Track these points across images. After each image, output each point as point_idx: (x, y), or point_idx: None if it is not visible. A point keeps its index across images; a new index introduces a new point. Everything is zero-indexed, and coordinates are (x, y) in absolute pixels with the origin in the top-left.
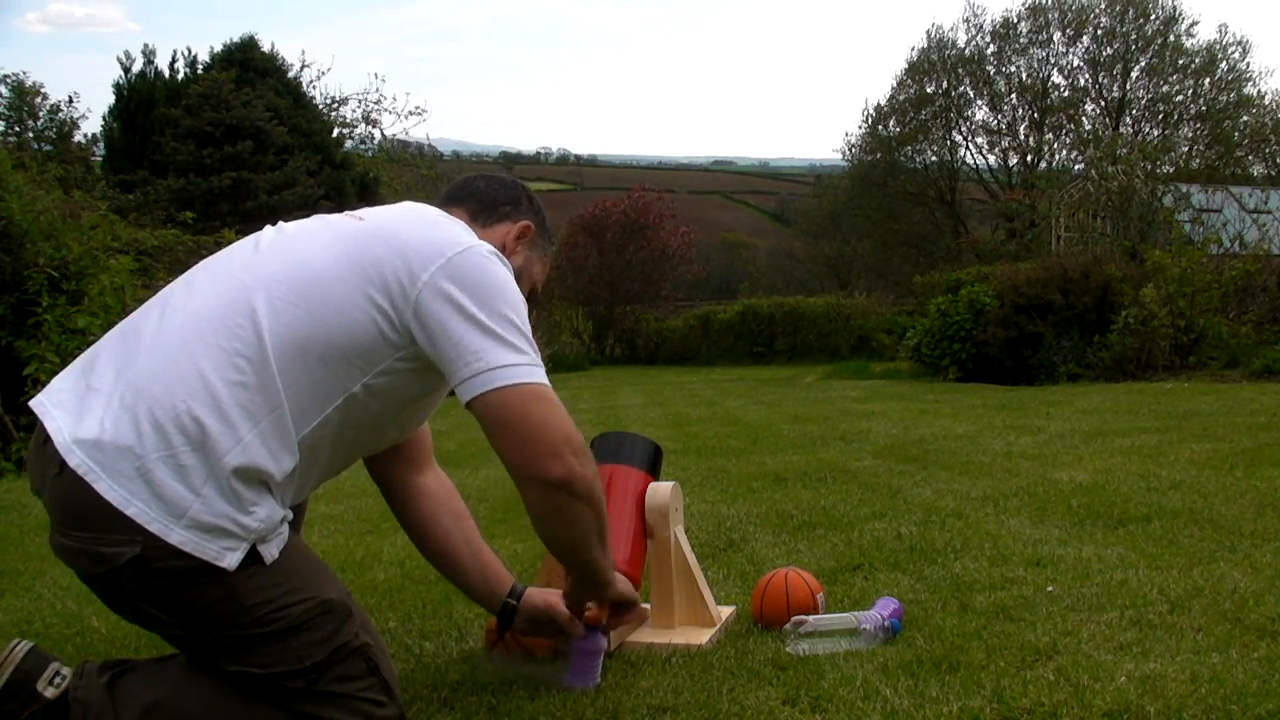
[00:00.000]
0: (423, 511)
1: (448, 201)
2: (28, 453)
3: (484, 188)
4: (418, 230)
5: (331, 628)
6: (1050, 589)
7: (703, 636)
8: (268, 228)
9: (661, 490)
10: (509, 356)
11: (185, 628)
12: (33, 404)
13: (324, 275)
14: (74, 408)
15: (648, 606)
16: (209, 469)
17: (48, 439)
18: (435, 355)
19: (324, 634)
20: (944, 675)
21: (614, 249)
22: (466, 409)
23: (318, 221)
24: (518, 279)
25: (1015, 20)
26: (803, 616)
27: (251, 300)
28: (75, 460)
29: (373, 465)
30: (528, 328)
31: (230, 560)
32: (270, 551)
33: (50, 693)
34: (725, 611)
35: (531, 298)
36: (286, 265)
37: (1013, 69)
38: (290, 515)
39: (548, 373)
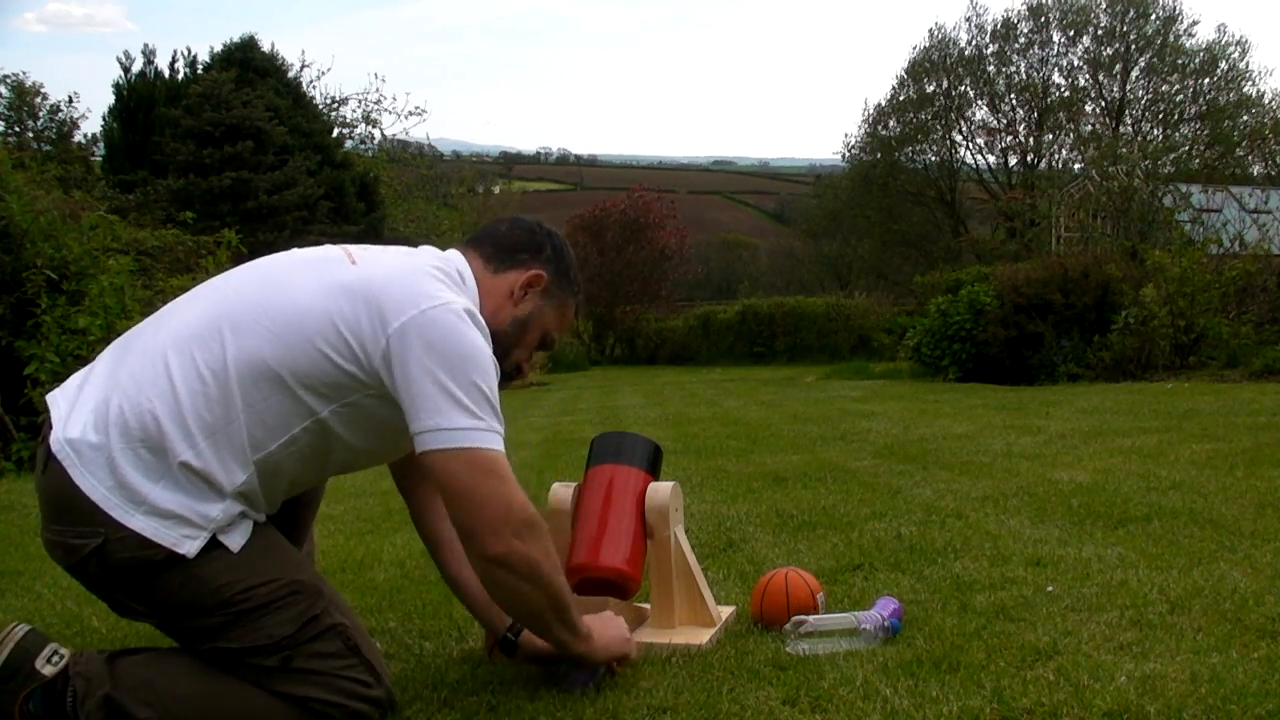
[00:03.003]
0: (439, 533)
1: (469, 243)
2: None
3: (505, 232)
4: (399, 279)
5: (301, 606)
6: (1050, 589)
7: (703, 636)
8: (279, 253)
9: (661, 490)
10: (460, 419)
11: (157, 614)
12: (47, 397)
13: (304, 309)
14: (73, 400)
15: (647, 606)
16: (165, 466)
17: (44, 435)
18: (398, 400)
19: (294, 612)
20: (944, 675)
21: (614, 249)
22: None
23: (319, 254)
24: (525, 326)
25: (1015, 20)
26: (803, 616)
27: (231, 318)
28: (57, 448)
29: (398, 481)
30: (492, 390)
31: (189, 548)
32: (234, 540)
33: (49, 670)
34: (725, 611)
35: (545, 344)
36: (271, 292)
37: (1013, 69)
38: (261, 516)
39: (548, 372)
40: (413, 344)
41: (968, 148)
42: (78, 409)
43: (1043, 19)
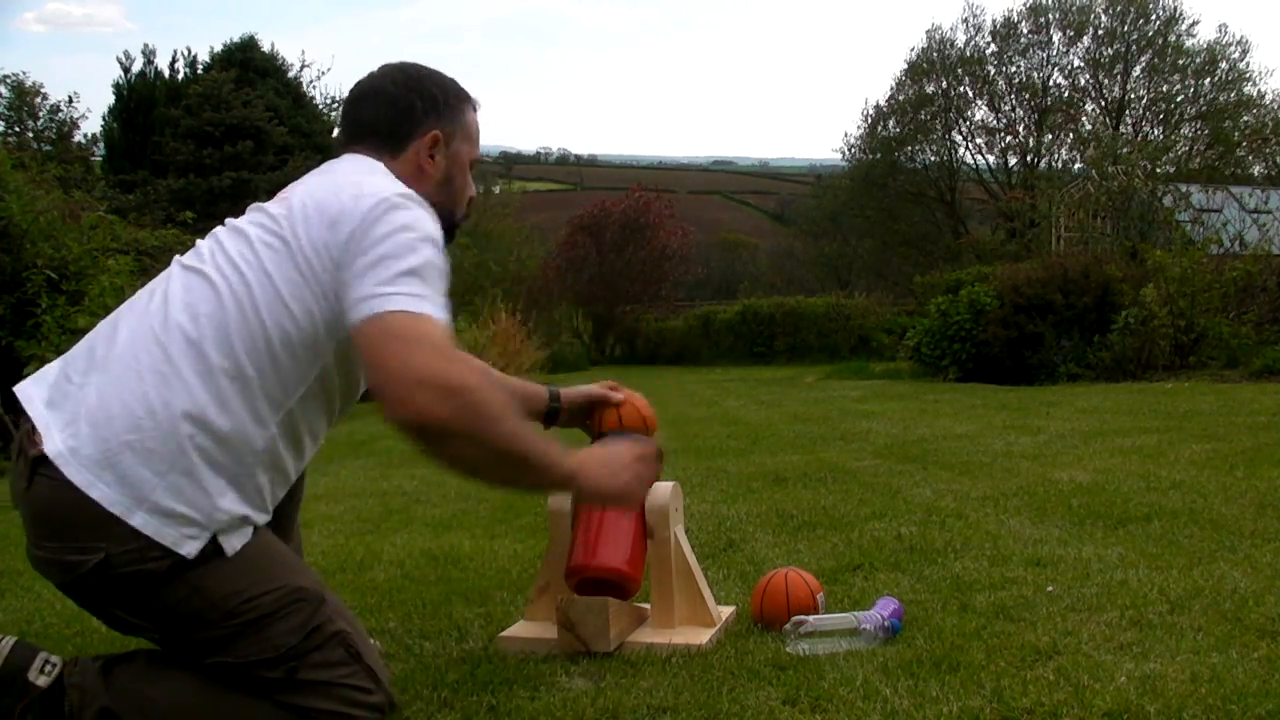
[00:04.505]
0: None
1: (352, 141)
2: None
3: (374, 117)
4: (332, 209)
5: (305, 614)
6: (1050, 589)
7: (703, 636)
8: (209, 239)
9: (661, 490)
10: (379, 288)
11: (160, 629)
12: (21, 397)
13: (272, 297)
14: (56, 404)
15: (647, 606)
16: (177, 452)
17: (22, 448)
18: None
19: (298, 621)
20: (944, 675)
21: (614, 249)
22: None
23: (246, 232)
24: (450, 178)
25: (1015, 20)
26: (803, 616)
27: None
28: (52, 450)
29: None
30: (422, 262)
31: (189, 549)
32: (232, 544)
33: (43, 681)
34: (725, 611)
35: (473, 167)
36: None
37: (1013, 69)
38: (261, 520)
39: (548, 372)
40: (360, 254)
41: (968, 148)
42: (69, 422)
43: (1042, 19)
